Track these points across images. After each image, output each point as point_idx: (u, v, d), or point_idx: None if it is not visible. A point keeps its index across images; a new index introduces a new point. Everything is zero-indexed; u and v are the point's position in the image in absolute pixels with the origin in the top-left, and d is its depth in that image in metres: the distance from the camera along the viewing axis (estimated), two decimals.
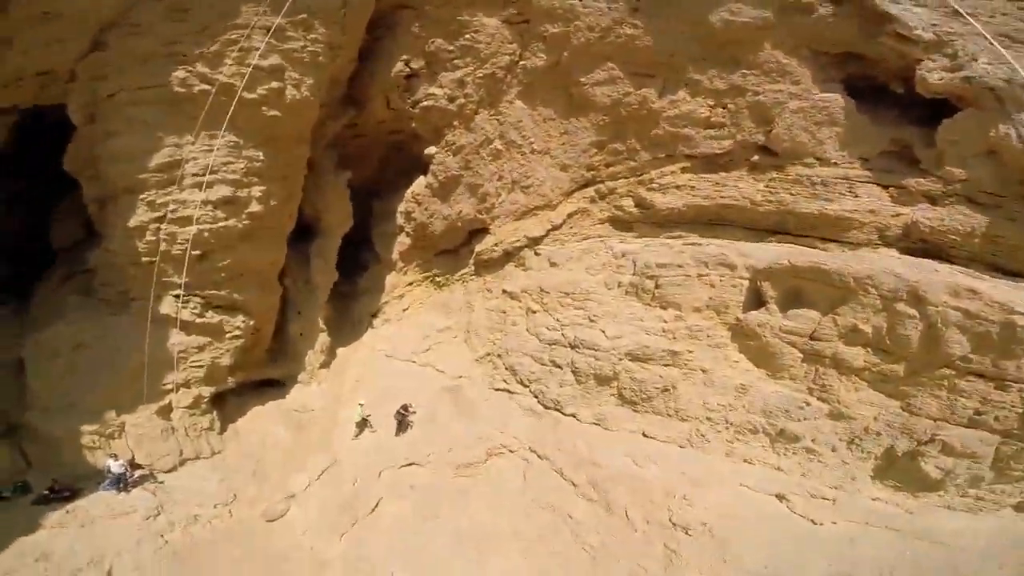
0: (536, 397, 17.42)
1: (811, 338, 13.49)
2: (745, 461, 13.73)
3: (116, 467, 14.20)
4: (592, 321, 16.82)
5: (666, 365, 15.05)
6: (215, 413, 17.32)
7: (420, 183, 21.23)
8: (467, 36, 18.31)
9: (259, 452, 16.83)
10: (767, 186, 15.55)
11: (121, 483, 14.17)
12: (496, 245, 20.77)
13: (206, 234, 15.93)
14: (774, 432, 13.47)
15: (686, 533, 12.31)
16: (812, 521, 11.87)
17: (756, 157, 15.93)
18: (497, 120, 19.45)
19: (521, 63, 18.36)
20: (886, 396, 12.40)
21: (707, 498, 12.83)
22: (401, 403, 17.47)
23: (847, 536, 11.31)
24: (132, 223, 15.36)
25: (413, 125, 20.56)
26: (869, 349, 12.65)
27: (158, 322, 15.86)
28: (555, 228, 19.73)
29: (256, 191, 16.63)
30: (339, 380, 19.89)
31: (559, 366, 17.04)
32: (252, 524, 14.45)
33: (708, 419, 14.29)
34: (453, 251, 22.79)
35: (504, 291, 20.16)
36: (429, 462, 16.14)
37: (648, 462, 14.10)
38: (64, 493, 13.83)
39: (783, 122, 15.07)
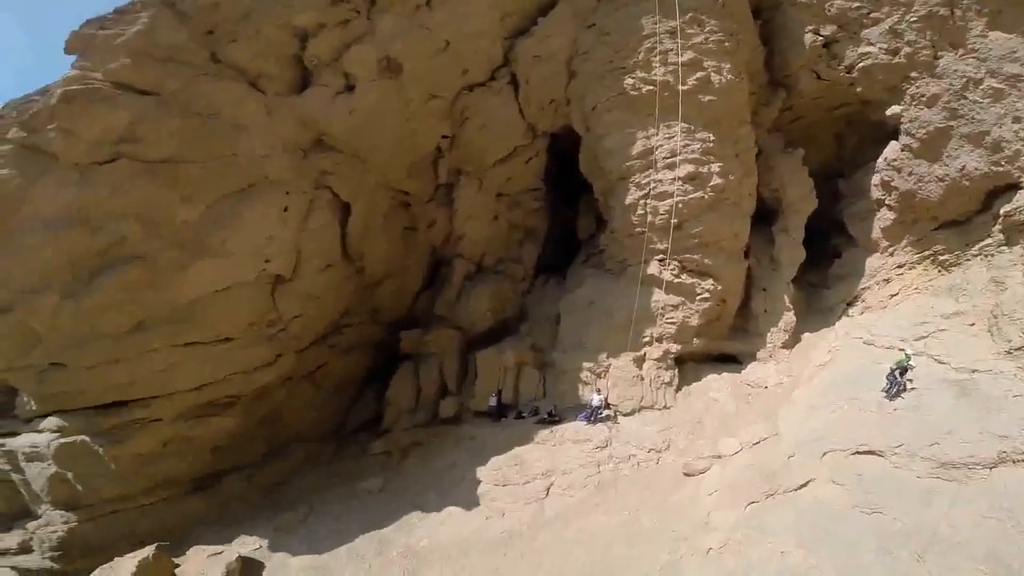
0: None
1: None
2: None
3: (596, 400, 17.64)
4: None
5: None
6: (676, 371, 18.60)
7: (894, 147, 17.94)
8: None
9: (701, 414, 16.81)
10: None
11: (592, 416, 17.36)
12: None
13: (680, 206, 17.97)
14: None
15: None
16: None
17: None
18: (975, 59, 15.42)
19: None
20: None
21: None
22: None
23: None
24: (627, 201, 18.84)
25: (858, 91, 18.25)
26: None
27: (646, 283, 18.72)
28: None
29: (715, 167, 17.93)
30: (800, 362, 17.48)
31: None
32: (672, 473, 14.73)
33: None
34: (963, 222, 16.81)
35: None
36: (896, 453, 11.79)
37: None
38: (556, 418, 18.13)
39: None
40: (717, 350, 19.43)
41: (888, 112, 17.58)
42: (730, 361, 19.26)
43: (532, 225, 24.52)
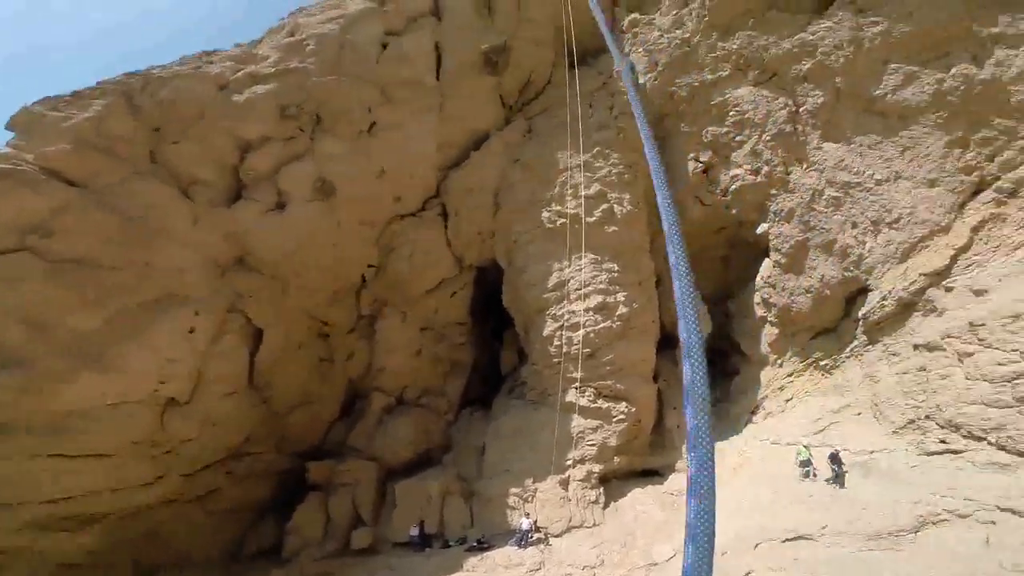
0: (1002, 447, 11.11)
1: None
2: None
3: (526, 524, 16.49)
4: None
5: None
6: (602, 489, 18.02)
7: (766, 265, 19.38)
8: (732, 113, 18.04)
9: (632, 526, 16.15)
10: None
11: (523, 541, 16.16)
12: (884, 299, 15.86)
13: (591, 335, 19.06)
14: None
15: None
16: None
17: None
18: (816, 171, 16.92)
19: (802, 109, 16.60)
20: None
21: None
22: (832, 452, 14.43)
23: None
24: (544, 333, 19.78)
25: (733, 212, 19.77)
26: None
27: (565, 410, 18.98)
28: (961, 251, 14.16)
29: (620, 296, 19.56)
30: (718, 467, 17.45)
31: None
32: None
33: None
34: (832, 329, 18.44)
35: (916, 346, 14.70)
36: (823, 535, 11.69)
37: None
38: (485, 544, 16.81)
39: None
40: (639, 466, 19.32)
41: (758, 231, 18.89)
42: (653, 475, 19.11)
43: (458, 358, 24.57)
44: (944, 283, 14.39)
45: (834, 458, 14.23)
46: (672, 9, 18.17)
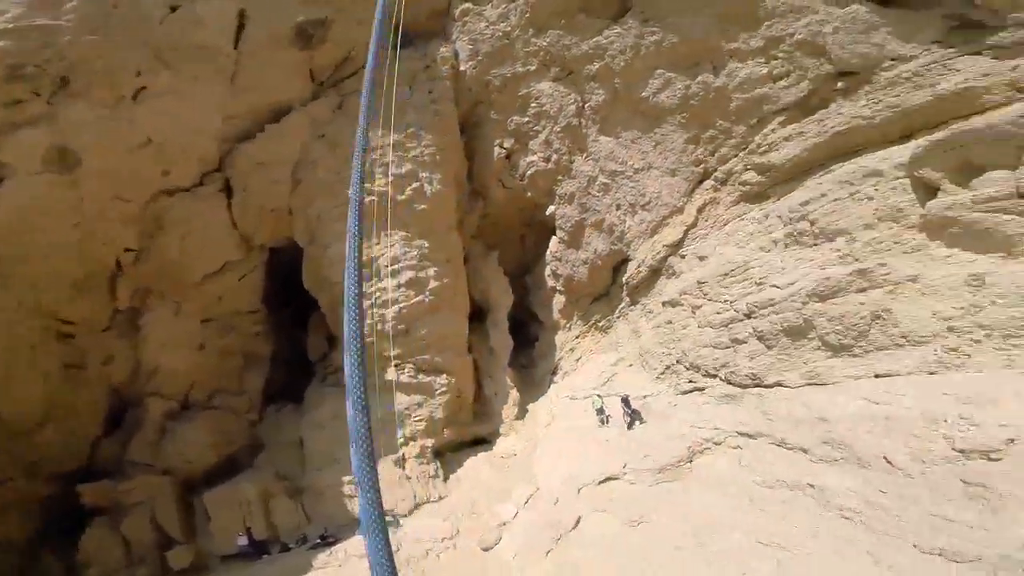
0: (729, 382, 14.89)
1: (1020, 196, 9.80)
2: None
3: None
4: (760, 284, 14.39)
5: (861, 290, 11.72)
6: (438, 463, 18.81)
7: (553, 241, 22.14)
8: (533, 105, 19.92)
9: (474, 494, 17.42)
10: (867, 102, 12.78)
11: None
12: (639, 267, 19.81)
13: (404, 311, 18.85)
14: None
15: (988, 458, 8.42)
16: None
17: (840, 84, 13.42)
18: (592, 160, 19.57)
19: (587, 105, 19.09)
20: None
21: (999, 414, 8.76)
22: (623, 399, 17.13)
23: None
24: None
25: (529, 195, 21.67)
26: None
27: (386, 389, 18.07)
28: (691, 227, 18.12)
29: (431, 271, 19.68)
30: (532, 427, 20.18)
31: (742, 341, 14.52)
32: (472, 553, 14.58)
33: (951, 329, 10.29)
34: (606, 294, 22.40)
35: (664, 303, 18.80)
36: (626, 473, 14.56)
37: (891, 398, 10.48)
38: (330, 539, 16.08)
39: (834, 42, 13.00)
40: (469, 436, 20.57)
41: (548, 212, 21.28)
42: (482, 442, 20.59)
43: (253, 351, 21.68)
44: (679, 252, 18.32)
45: (625, 401, 17.16)
46: (502, 3, 18.50)
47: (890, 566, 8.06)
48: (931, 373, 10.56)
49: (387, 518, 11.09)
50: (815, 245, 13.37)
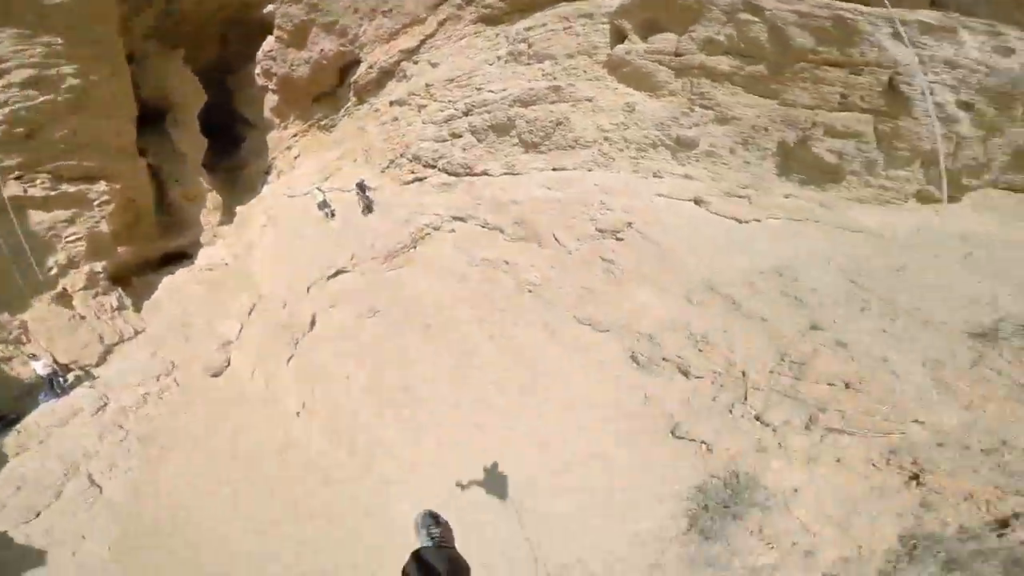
0: (445, 171, 16.35)
1: (676, 55, 12.21)
2: (655, 175, 12.81)
3: (42, 368, 12.57)
4: (479, 89, 15.36)
5: (553, 102, 13.79)
6: (121, 291, 15.61)
7: (269, 41, 20.69)
8: None
9: (183, 317, 15.28)
10: None
11: (57, 388, 12.70)
12: (371, 68, 19.28)
13: (23, 112, 13.77)
14: (671, 142, 12.41)
15: (616, 238, 11.50)
16: (736, 220, 10.86)
17: None
18: None
19: None
20: (760, 96, 11.45)
21: (624, 203, 11.89)
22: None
23: (776, 230, 10.34)
24: None
25: None
26: (730, 55, 11.54)
27: (14, 208, 13.91)
28: (429, 37, 17.68)
29: (67, 69, 14.52)
30: (245, 231, 18.37)
31: (458, 135, 15.77)
32: (200, 384, 13.25)
33: (607, 139, 13.14)
34: (330, 93, 21.32)
35: (391, 102, 18.86)
36: (355, 265, 15.07)
37: (562, 186, 13.18)
38: (11, 416, 12.26)
39: None
40: (158, 252, 17.41)
41: (264, 11, 19.84)
42: (183, 258, 17.82)
43: None
44: (413, 58, 18.28)
45: (361, 187, 17.03)
46: None
47: (554, 332, 10.51)
48: (589, 170, 13.51)
49: (75, 373, 9.54)
50: (528, 64, 14.69)
